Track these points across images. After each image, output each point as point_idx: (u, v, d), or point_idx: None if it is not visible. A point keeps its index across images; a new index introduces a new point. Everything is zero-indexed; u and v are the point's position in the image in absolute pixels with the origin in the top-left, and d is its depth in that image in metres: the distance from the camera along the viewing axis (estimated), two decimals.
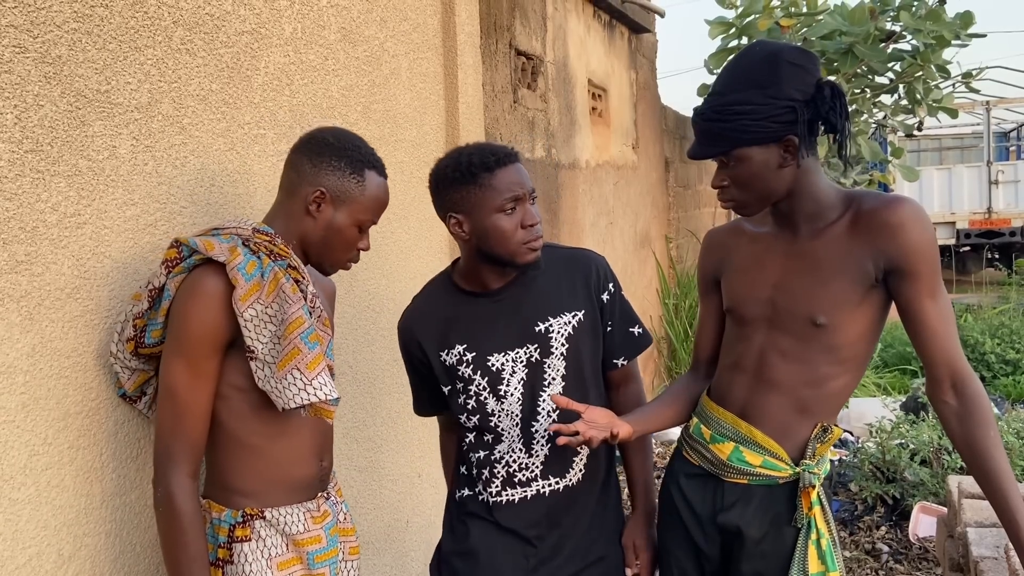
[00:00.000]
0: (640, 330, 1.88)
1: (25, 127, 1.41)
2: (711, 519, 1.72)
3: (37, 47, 1.43)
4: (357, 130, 2.39)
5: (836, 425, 1.66)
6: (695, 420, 1.79)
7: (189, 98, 1.76)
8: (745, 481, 1.68)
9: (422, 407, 1.95)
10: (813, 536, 1.62)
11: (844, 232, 1.59)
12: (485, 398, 1.75)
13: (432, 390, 1.86)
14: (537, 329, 1.75)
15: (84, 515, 1.52)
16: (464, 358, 1.75)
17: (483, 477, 1.78)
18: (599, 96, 5.07)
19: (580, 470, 1.79)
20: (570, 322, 1.77)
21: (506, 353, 1.74)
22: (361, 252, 1.64)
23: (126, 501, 1.61)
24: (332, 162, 1.55)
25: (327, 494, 1.64)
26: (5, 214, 1.38)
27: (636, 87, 5.89)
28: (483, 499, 1.78)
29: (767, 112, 1.52)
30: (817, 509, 1.63)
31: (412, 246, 2.73)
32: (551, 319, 1.76)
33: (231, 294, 1.44)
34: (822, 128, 1.57)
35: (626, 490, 2.17)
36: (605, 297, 1.82)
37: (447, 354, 1.77)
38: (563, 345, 1.75)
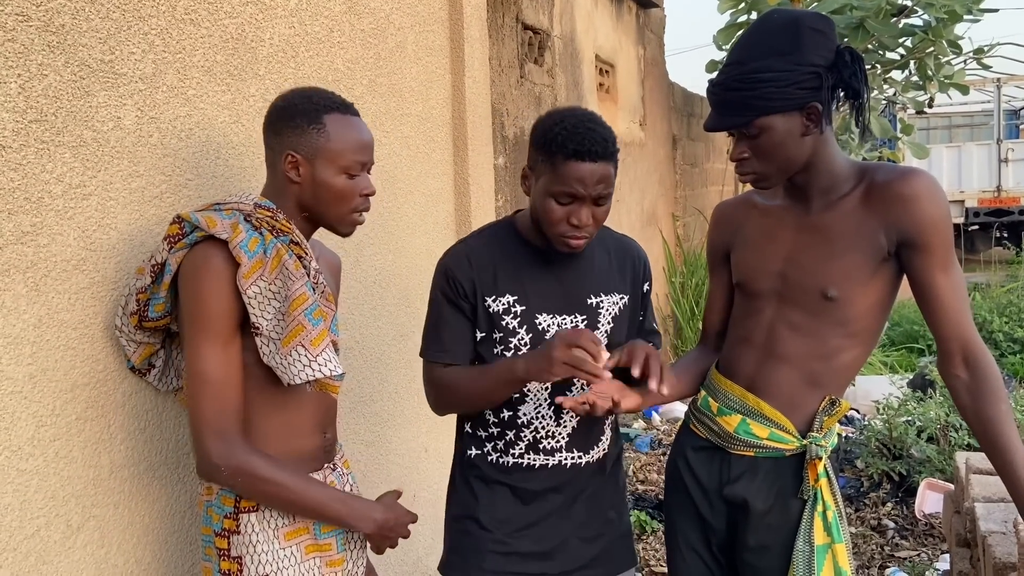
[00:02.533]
0: (657, 326, 1.92)
1: (29, 97, 1.40)
2: (717, 492, 1.72)
3: (40, 15, 1.41)
4: (362, 104, 2.38)
5: (844, 399, 1.65)
6: (703, 393, 1.79)
7: (194, 69, 1.74)
8: (751, 453, 1.68)
9: (440, 348, 1.74)
10: (819, 508, 1.62)
11: (857, 204, 1.57)
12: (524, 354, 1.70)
13: (460, 332, 1.73)
14: (589, 301, 1.74)
15: (92, 486, 1.53)
16: (513, 309, 1.71)
17: (506, 438, 1.74)
18: (606, 72, 5.03)
19: (603, 448, 1.79)
20: (617, 303, 1.77)
21: (555, 316, 1.72)
22: (370, 199, 1.60)
23: (134, 472, 1.61)
24: (289, 123, 1.53)
25: (333, 465, 1.64)
26: (10, 184, 1.37)
27: (644, 63, 5.84)
28: (493, 460, 1.75)
29: (791, 79, 1.50)
30: (824, 481, 1.63)
31: (418, 221, 2.72)
32: (603, 295, 1.76)
33: (235, 271, 1.44)
34: (842, 95, 1.56)
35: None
36: (645, 288, 1.84)
37: (494, 300, 1.71)
38: (608, 323, 1.75)
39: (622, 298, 1.78)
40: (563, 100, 4.17)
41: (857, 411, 5.33)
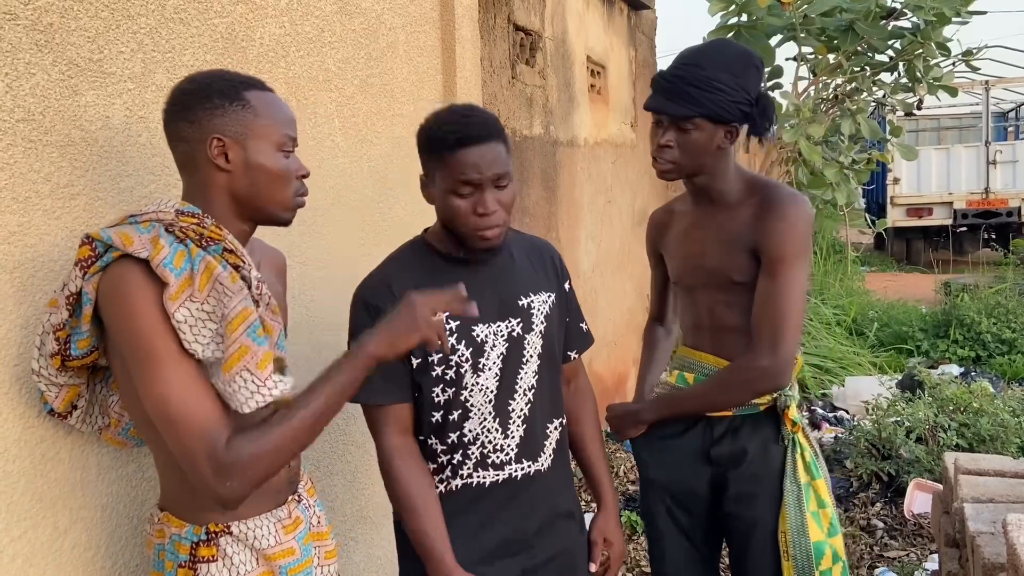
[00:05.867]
0: (587, 327, 1.92)
1: (16, 96, 1.38)
2: (703, 455, 1.95)
3: (28, 14, 1.40)
4: (354, 104, 2.38)
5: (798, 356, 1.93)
6: (676, 373, 2.02)
7: (183, 69, 1.73)
8: (731, 413, 1.92)
9: (371, 389, 1.59)
10: (799, 451, 1.87)
11: (749, 213, 1.86)
12: (465, 370, 1.64)
13: (391, 368, 1.60)
14: (521, 303, 1.70)
15: (79, 488, 1.52)
16: (448, 326, 1.63)
17: (453, 461, 1.67)
18: (598, 73, 5.03)
19: (550, 455, 1.75)
20: (546, 301, 1.74)
21: (490, 325, 1.66)
22: (305, 182, 1.45)
23: (122, 474, 1.60)
24: (206, 106, 1.34)
25: (298, 496, 1.51)
26: None
27: (635, 65, 5.84)
28: (441, 490, 1.67)
29: (736, 97, 1.80)
30: (799, 426, 1.89)
31: (410, 222, 2.71)
32: (532, 295, 1.72)
33: (160, 291, 1.25)
34: (747, 128, 1.88)
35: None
36: (566, 286, 1.82)
37: None
38: (542, 323, 1.72)
39: (550, 296, 1.75)
40: (554, 101, 4.17)
41: (846, 411, 5.35)
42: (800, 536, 1.83)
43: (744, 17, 5.89)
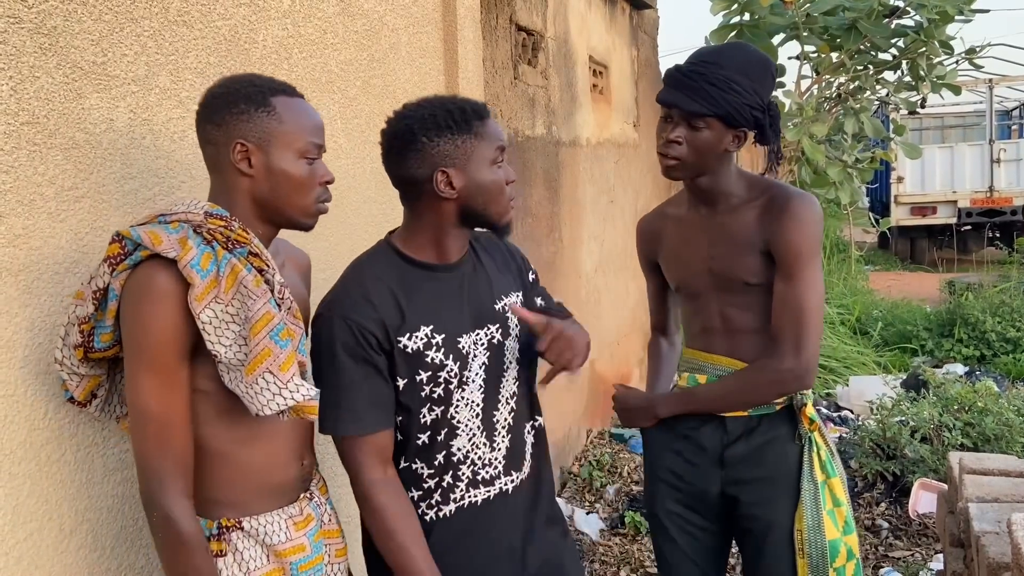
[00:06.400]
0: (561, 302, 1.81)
1: (21, 99, 1.39)
2: (717, 457, 1.91)
3: (32, 17, 1.41)
4: (357, 105, 2.38)
5: None
6: (686, 375, 1.99)
7: (187, 71, 1.74)
8: (746, 413, 1.89)
9: (354, 418, 1.51)
10: (815, 450, 1.86)
11: (755, 214, 1.85)
12: (454, 386, 1.55)
13: (376, 393, 1.51)
14: (497, 307, 1.62)
15: (85, 489, 1.52)
16: (433, 341, 1.53)
17: (443, 484, 1.59)
18: (600, 73, 5.03)
19: (529, 460, 1.70)
20: (516, 302, 1.67)
21: (470, 334, 1.57)
22: (330, 188, 1.46)
23: (128, 476, 1.60)
24: (232, 110, 1.37)
25: (310, 494, 1.53)
26: (2, 187, 1.36)
27: (637, 64, 5.84)
28: (431, 517, 1.60)
29: (750, 101, 1.79)
30: (816, 424, 1.87)
31: None
32: (504, 297, 1.64)
33: (186, 292, 1.29)
34: (754, 135, 1.87)
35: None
36: (531, 276, 1.76)
37: (409, 338, 1.51)
38: (516, 326, 1.65)
39: (518, 295, 1.69)
40: (557, 101, 4.17)
41: (851, 411, 5.34)
42: (816, 534, 1.83)
43: (746, 16, 5.89)
